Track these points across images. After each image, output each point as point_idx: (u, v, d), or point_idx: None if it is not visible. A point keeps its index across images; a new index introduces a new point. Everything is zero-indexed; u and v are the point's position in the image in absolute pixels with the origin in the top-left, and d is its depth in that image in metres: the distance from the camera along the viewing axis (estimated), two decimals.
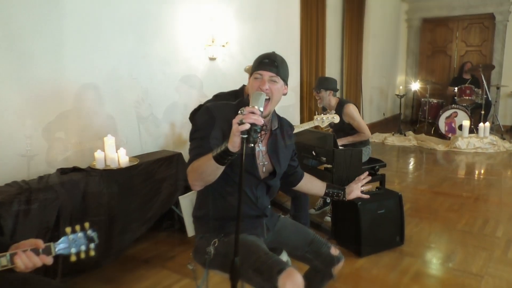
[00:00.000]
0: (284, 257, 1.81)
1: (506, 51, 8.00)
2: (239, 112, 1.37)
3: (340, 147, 3.25)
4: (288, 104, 5.43)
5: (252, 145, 1.34)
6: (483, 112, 6.92)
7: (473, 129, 6.76)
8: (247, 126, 1.31)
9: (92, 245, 1.36)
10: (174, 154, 3.28)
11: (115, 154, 2.89)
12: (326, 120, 3.26)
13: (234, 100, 1.75)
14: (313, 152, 3.22)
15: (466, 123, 6.50)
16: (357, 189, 2.01)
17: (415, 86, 8.14)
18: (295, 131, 3.23)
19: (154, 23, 3.54)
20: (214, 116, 1.63)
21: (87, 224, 1.37)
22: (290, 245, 1.84)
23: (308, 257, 1.81)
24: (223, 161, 1.41)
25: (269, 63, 1.61)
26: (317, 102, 3.75)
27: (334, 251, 1.81)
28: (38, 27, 2.73)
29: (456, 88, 7.18)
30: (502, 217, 3.65)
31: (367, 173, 2.07)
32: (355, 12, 7.11)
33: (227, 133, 1.47)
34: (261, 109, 1.40)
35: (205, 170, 1.48)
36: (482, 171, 5.37)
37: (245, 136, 1.31)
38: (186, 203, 1.88)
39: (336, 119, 3.28)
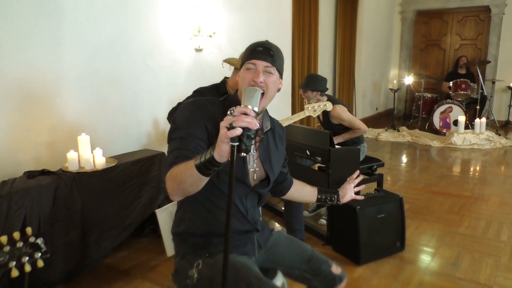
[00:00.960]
0: (279, 279, 1.57)
1: (501, 44, 7.84)
2: (229, 112, 1.09)
3: (336, 146, 3.04)
4: (278, 99, 5.18)
5: (244, 154, 1.06)
6: (478, 107, 6.78)
7: (468, 125, 6.60)
8: (238, 132, 1.03)
9: (38, 254, 1.15)
10: (157, 154, 3.02)
11: (90, 155, 2.62)
12: (318, 108, 3.02)
13: (217, 95, 1.49)
14: (308, 151, 3.00)
15: (462, 118, 6.34)
16: (350, 190, 1.81)
17: (409, 80, 7.95)
18: (286, 123, 3.02)
19: (135, 10, 3.24)
20: (197, 112, 1.36)
21: (29, 230, 1.15)
22: (285, 264, 1.60)
23: (307, 276, 1.59)
24: (207, 172, 1.14)
25: (264, 51, 1.36)
26: (303, 100, 3.53)
27: (336, 269, 1.60)
28: (2, 13, 2.43)
29: (451, 83, 7.01)
30: (505, 218, 3.47)
31: (358, 172, 1.86)
32: (348, 4, 6.90)
33: (213, 134, 1.22)
34: (256, 109, 1.12)
35: (185, 180, 1.20)
36: (480, 169, 5.20)
37: (236, 143, 1.04)
38: (165, 217, 1.61)
39: (329, 106, 3.07)
